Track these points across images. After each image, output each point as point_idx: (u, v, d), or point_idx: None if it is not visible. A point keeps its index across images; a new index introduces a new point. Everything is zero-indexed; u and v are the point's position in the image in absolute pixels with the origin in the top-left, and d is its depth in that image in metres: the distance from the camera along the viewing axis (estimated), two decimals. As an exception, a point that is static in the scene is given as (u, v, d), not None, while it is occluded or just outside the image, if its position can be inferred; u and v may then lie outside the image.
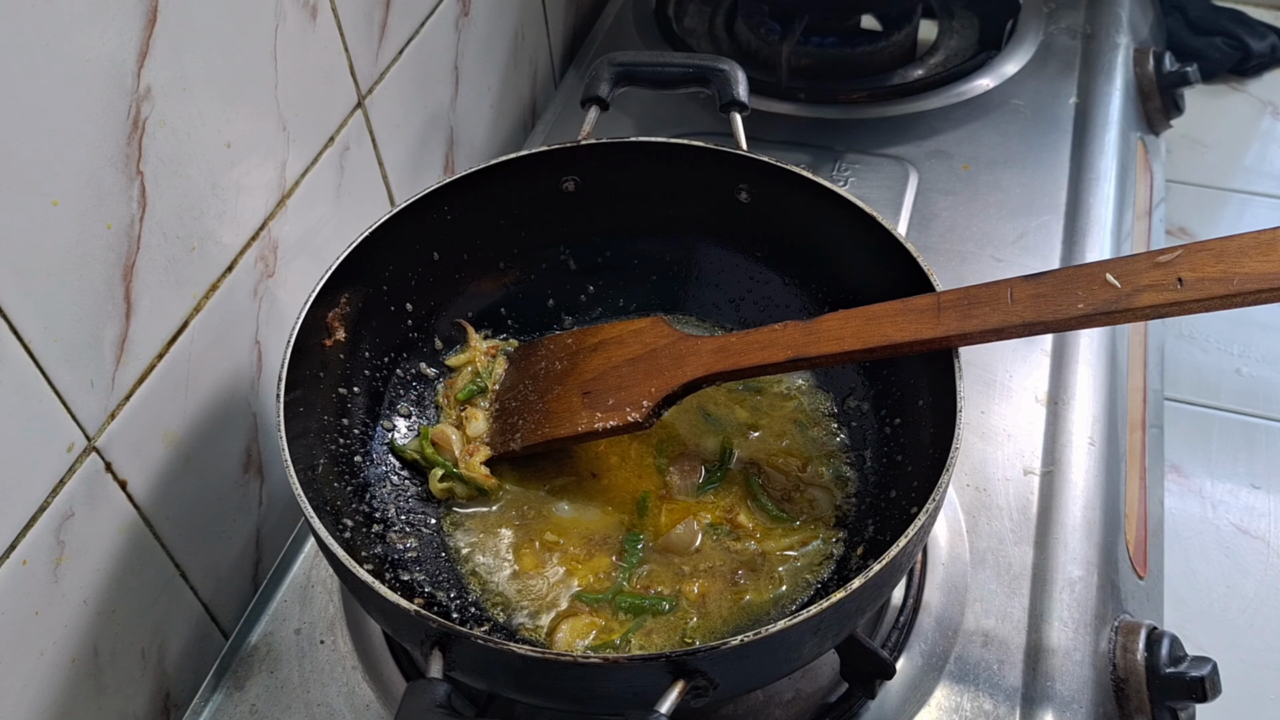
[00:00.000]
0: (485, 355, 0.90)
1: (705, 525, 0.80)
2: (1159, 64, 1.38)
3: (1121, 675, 0.80)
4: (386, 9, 0.99)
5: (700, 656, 0.58)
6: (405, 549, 0.78)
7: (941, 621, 0.82)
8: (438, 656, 0.61)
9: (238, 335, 0.88)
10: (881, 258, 0.79)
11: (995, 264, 1.09)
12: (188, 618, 0.88)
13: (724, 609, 0.76)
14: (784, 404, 0.88)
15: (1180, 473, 1.43)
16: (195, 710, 0.81)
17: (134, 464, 0.78)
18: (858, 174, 1.19)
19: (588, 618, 0.75)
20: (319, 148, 0.93)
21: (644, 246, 0.94)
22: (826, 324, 0.75)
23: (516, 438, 0.84)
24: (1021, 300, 0.69)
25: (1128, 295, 0.65)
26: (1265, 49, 1.94)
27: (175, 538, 0.84)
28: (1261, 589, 1.31)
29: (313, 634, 0.85)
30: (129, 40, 0.70)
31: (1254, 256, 0.63)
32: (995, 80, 1.30)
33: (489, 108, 1.25)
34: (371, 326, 0.85)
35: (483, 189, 0.87)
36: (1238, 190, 1.79)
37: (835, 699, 0.79)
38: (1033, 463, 0.92)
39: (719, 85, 0.89)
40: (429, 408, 0.89)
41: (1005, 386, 0.98)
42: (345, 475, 0.79)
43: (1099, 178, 1.17)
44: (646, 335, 0.83)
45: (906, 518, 0.66)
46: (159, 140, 0.74)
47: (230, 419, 0.88)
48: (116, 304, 0.74)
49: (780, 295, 0.91)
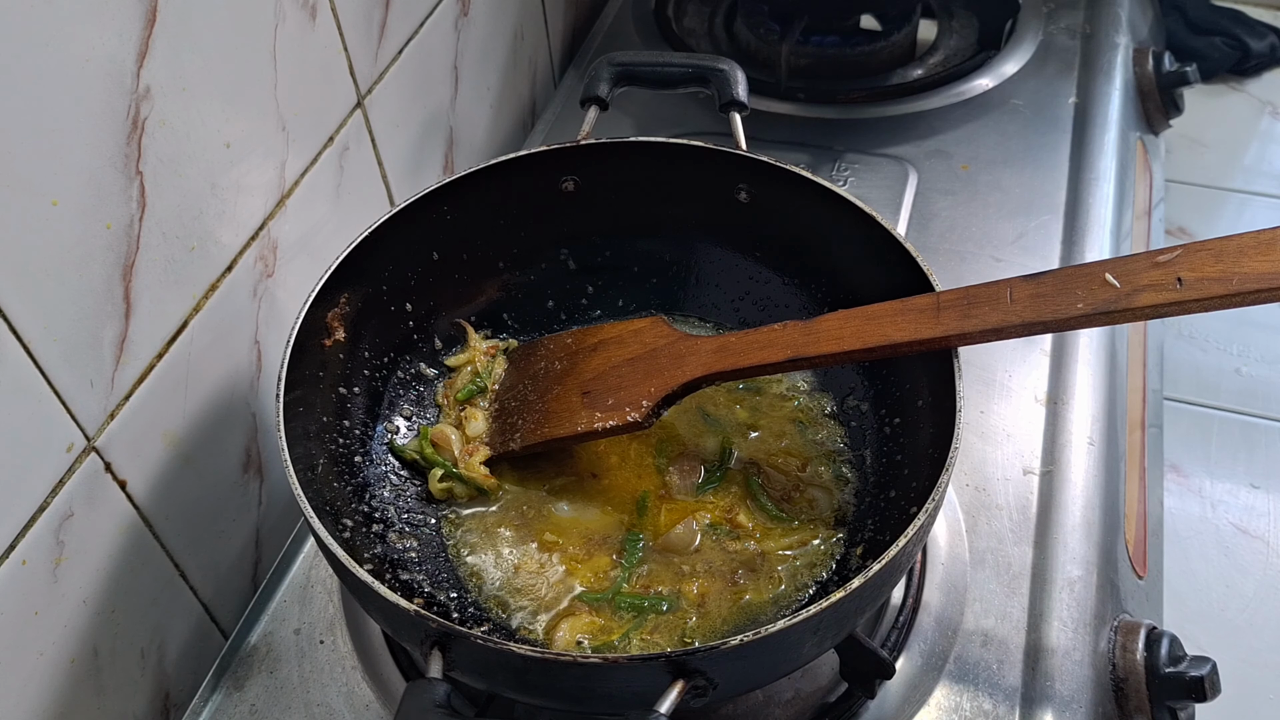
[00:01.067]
0: (485, 355, 0.90)
1: (705, 525, 0.80)
2: (1158, 64, 1.38)
3: (1121, 675, 0.81)
4: (386, 9, 0.99)
5: (700, 656, 0.58)
6: (405, 549, 0.78)
7: (941, 621, 0.82)
8: (437, 656, 0.61)
9: (237, 335, 0.88)
10: (881, 258, 0.79)
11: (994, 264, 1.09)
12: (187, 618, 0.88)
13: (723, 609, 0.76)
14: (783, 404, 0.88)
15: (1180, 472, 1.43)
16: (195, 710, 0.81)
17: (133, 464, 0.78)
18: (857, 174, 1.19)
19: (587, 617, 0.75)
20: (318, 148, 0.93)
21: (643, 246, 0.94)
22: (826, 324, 0.75)
23: (516, 438, 0.84)
24: (1021, 300, 0.69)
25: (1127, 295, 0.65)
26: (1264, 49, 1.94)
27: (175, 538, 0.84)
28: (1261, 588, 1.31)
29: (312, 634, 0.85)
30: (128, 40, 0.70)
31: (1253, 256, 0.63)
32: (995, 80, 1.30)
33: (488, 107, 1.25)
34: (371, 326, 0.85)
35: (482, 189, 0.87)
36: (1237, 190, 1.79)
37: (835, 699, 0.79)
38: (1032, 462, 0.92)
39: (718, 85, 0.89)
40: (428, 408, 0.89)
41: (1005, 386, 0.98)
42: (345, 475, 0.79)
43: (1098, 177, 1.17)
44: (646, 335, 0.83)
45: (906, 517, 0.66)
46: (158, 140, 0.74)
47: (230, 419, 0.88)
48: (116, 304, 0.74)
49: (780, 295, 0.91)
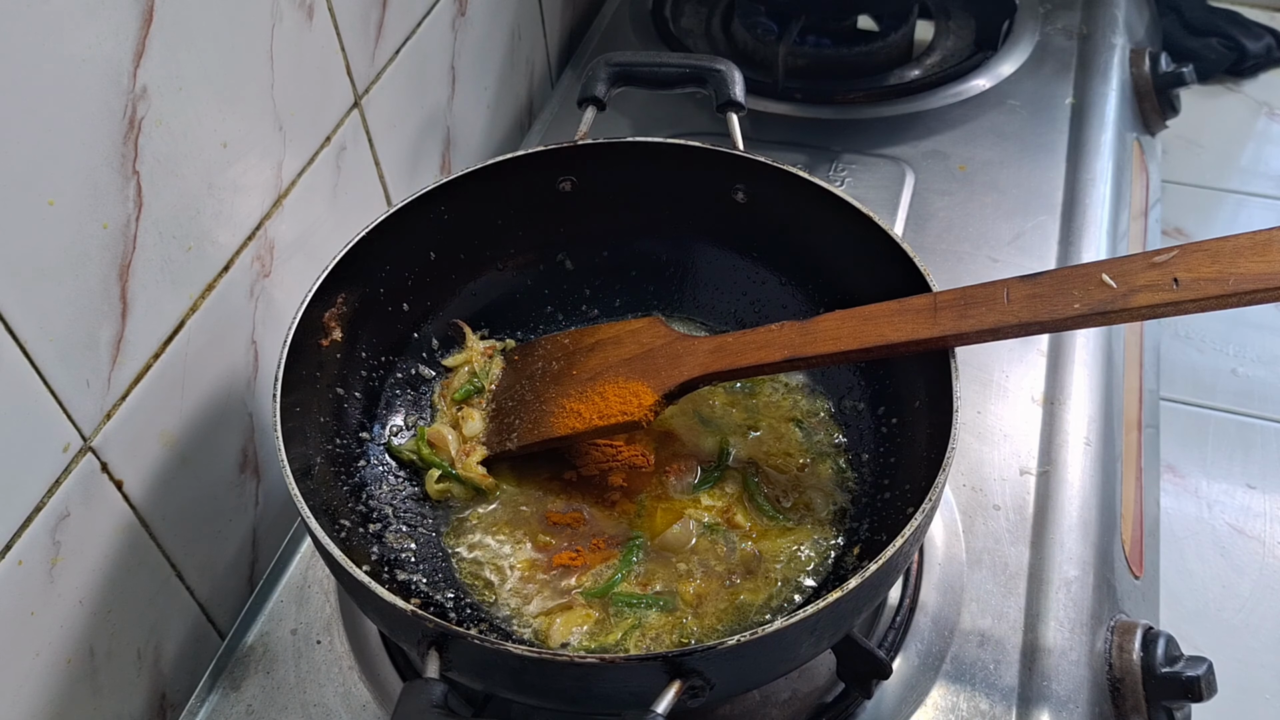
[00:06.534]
0: (482, 355, 0.90)
1: (702, 525, 0.80)
2: (1155, 65, 1.38)
3: (1117, 675, 0.81)
4: (383, 9, 0.99)
5: (697, 656, 0.58)
6: (402, 549, 0.78)
7: (938, 621, 0.82)
8: (434, 656, 0.61)
9: (234, 335, 0.88)
10: (878, 258, 0.79)
11: (991, 264, 1.09)
12: (184, 618, 0.88)
13: (720, 608, 0.76)
14: (781, 404, 0.88)
15: (1176, 473, 1.43)
16: (191, 711, 0.81)
17: (130, 464, 0.78)
18: (854, 174, 1.19)
19: (584, 617, 0.75)
20: (315, 147, 0.93)
21: (641, 246, 0.94)
22: (823, 324, 0.75)
23: (513, 438, 0.84)
24: (1018, 300, 0.69)
25: (1124, 295, 0.66)
26: (1261, 50, 1.94)
27: (171, 538, 0.84)
28: (1257, 589, 1.31)
29: (309, 634, 0.85)
30: (125, 40, 0.70)
31: (1249, 257, 0.63)
32: (991, 81, 1.30)
33: (486, 108, 1.25)
34: (368, 327, 0.85)
35: (479, 189, 0.87)
36: (1233, 191, 1.79)
37: (832, 699, 0.79)
38: (1029, 463, 0.92)
39: (716, 85, 0.89)
40: (426, 408, 0.89)
41: (1002, 387, 0.98)
42: (342, 475, 0.79)
43: (1095, 178, 1.17)
44: (643, 335, 0.83)
45: (903, 518, 0.66)
46: (155, 140, 0.74)
47: (226, 419, 0.88)
48: (112, 304, 0.74)
49: (777, 295, 0.91)
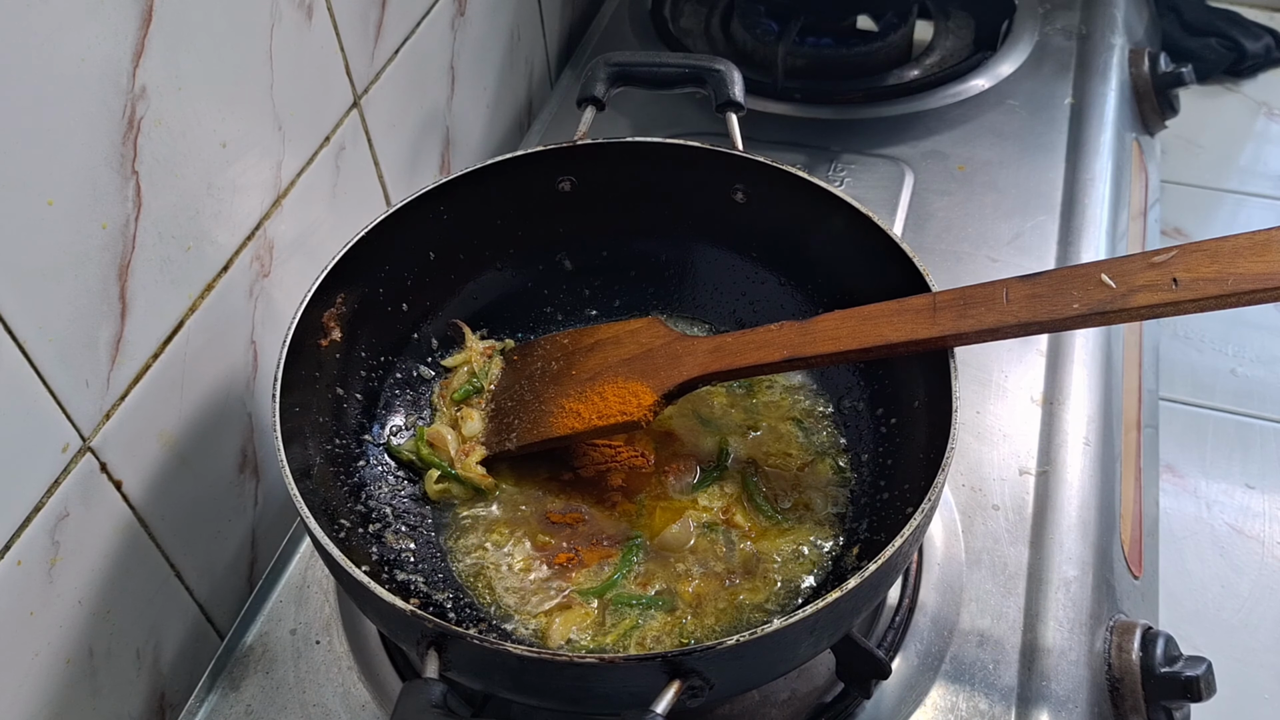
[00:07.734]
0: (481, 355, 0.90)
1: (701, 525, 0.80)
2: (1154, 65, 1.38)
3: (1117, 675, 0.81)
4: (382, 9, 0.99)
5: (696, 656, 0.58)
6: (401, 549, 0.78)
7: (937, 621, 0.82)
8: (433, 656, 0.61)
9: (233, 335, 0.88)
10: (877, 258, 0.79)
11: (991, 264, 1.09)
12: (183, 618, 0.88)
13: (719, 608, 0.76)
14: (780, 404, 0.88)
15: (1175, 473, 1.43)
16: (190, 711, 0.81)
17: (129, 464, 0.78)
18: (853, 174, 1.19)
19: (583, 616, 0.75)
20: (315, 147, 0.93)
21: (640, 246, 0.94)
22: (822, 324, 0.75)
23: (512, 438, 0.84)
24: (1017, 300, 0.69)
25: (1123, 295, 0.66)
26: (1260, 50, 1.94)
27: (170, 538, 0.84)
28: (1256, 588, 1.31)
29: (308, 634, 0.85)
30: (125, 40, 0.70)
31: (1248, 257, 0.63)
32: (991, 81, 1.30)
33: (485, 108, 1.25)
34: (367, 327, 0.85)
35: (479, 189, 0.87)
36: (1232, 191, 1.79)
37: (831, 699, 0.79)
38: (1028, 463, 0.92)
39: (715, 85, 0.89)
40: (425, 408, 0.89)
41: (1001, 387, 0.98)
42: (341, 475, 0.79)
43: (1094, 178, 1.17)
44: (642, 335, 0.83)
45: (902, 518, 0.66)
46: (154, 140, 0.74)
47: (226, 419, 0.88)
48: (112, 304, 0.74)
49: (776, 295, 0.91)
